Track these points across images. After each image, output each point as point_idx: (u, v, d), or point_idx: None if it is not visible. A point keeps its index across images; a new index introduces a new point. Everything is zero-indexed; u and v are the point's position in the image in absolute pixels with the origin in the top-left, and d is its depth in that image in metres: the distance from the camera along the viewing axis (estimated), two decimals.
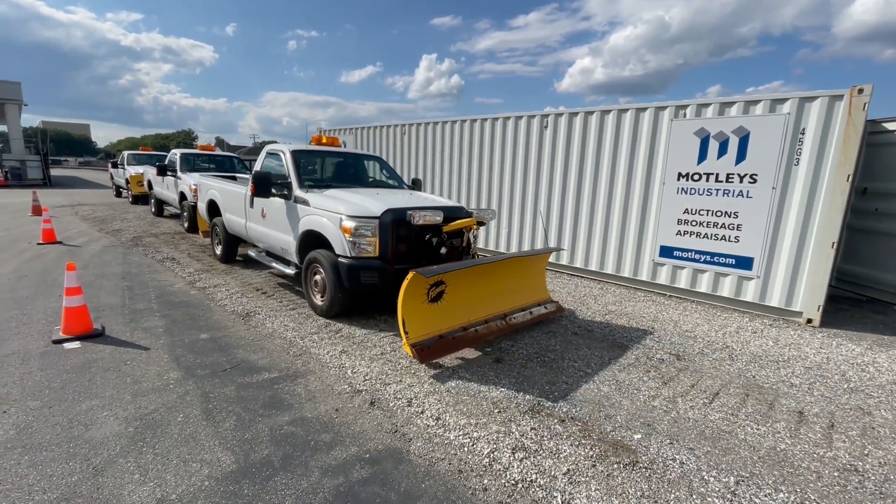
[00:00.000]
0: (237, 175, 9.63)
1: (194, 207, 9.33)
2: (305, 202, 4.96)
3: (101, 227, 10.19)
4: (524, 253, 4.83)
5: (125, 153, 17.06)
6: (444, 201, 5.42)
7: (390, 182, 6.38)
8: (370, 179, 6.42)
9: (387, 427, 2.89)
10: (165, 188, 11.36)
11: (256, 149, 58.30)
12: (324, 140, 6.20)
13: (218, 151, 12.84)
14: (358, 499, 2.26)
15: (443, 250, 4.59)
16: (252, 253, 6.48)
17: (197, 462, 2.48)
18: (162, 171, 10.87)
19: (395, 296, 3.61)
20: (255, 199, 5.81)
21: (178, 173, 10.42)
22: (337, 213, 4.51)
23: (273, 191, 5.31)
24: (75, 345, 3.93)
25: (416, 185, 6.58)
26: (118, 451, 2.54)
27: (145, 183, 13.53)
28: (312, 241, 4.90)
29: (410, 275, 3.47)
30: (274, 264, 5.77)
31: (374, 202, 4.60)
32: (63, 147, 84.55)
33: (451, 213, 4.87)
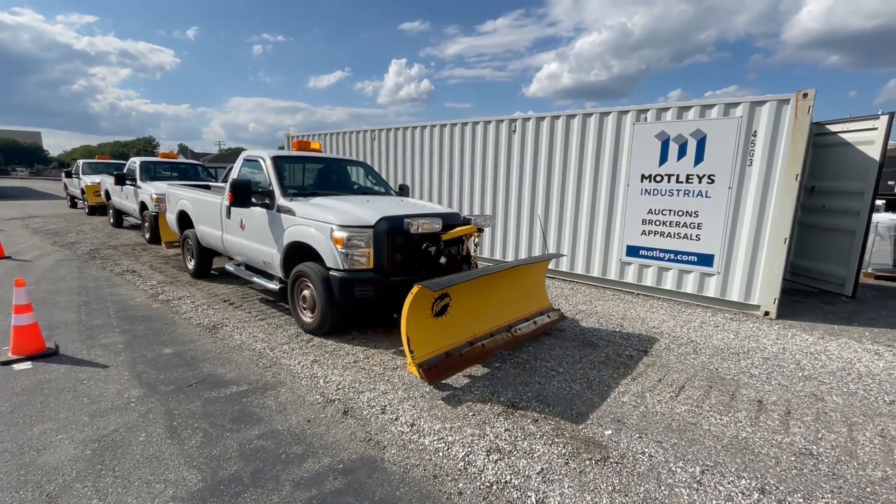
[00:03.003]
0: (211, 183, 9.30)
1: (156, 217, 9.00)
2: (290, 211, 4.63)
3: (54, 240, 9.67)
4: (528, 260, 4.61)
5: (80, 162, 16.27)
6: (439, 208, 5.14)
7: (377, 188, 6.06)
8: (355, 186, 6.07)
9: (360, 436, 2.85)
10: (124, 198, 10.90)
11: (222, 156, 56.63)
12: (313, 146, 5.95)
13: (181, 159, 12.42)
14: None
15: (442, 260, 4.34)
16: (230, 267, 6.04)
17: (160, 483, 2.38)
18: (120, 180, 10.43)
19: (391, 309, 3.49)
20: (233, 209, 5.41)
21: (138, 182, 10.03)
22: (327, 222, 4.22)
23: (253, 200, 4.95)
24: (26, 365, 3.70)
25: (403, 191, 6.29)
26: (74, 476, 2.41)
27: (102, 193, 12.94)
28: (299, 253, 4.60)
29: (416, 288, 3.20)
30: (255, 279, 5.40)
31: (367, 210, 4.34)
32: (11, 156, 79.85)
33: (449, 221, 4.64)
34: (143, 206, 9.74)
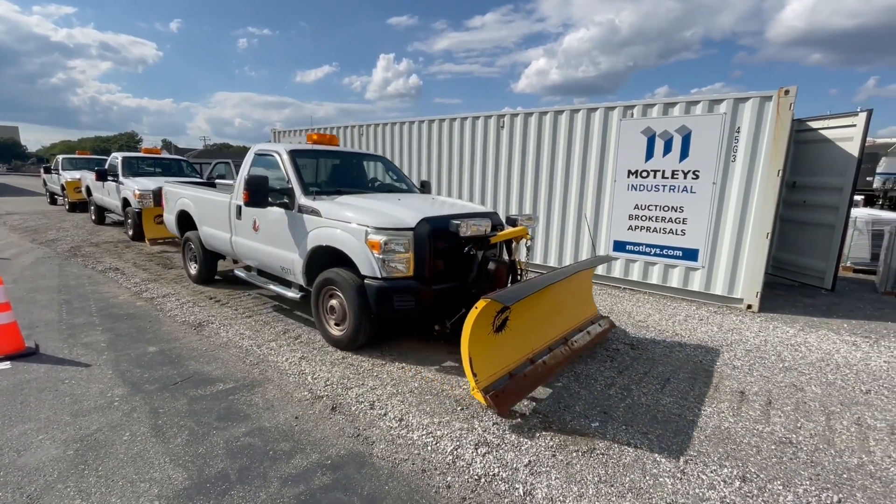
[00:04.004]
0: (217, 181, 9.05)
1: (139, 214, 8.84)
2: (315, 212, 4.19)
3: (33, 238, 9.44)
4: (584, 265, 4.20)
5: (59, 157, 15.89)
6: (478, 207, 4.70)
7: (399, 185, 5.57)
8: (376, 183, 5.59)
9: (349, 432, 2.85)
10: (106, 194, 10.67)
11: (207, 151, 55.59)
12: (329, 140, 5.52)
13: (165, 154, 12.20)
14: None
15: (490, 266, 3.90)
16: (240, 273, 5.50)
17: (145, 482, 2.35)
18: (102, 175, 10.20)
19: (429, 321, 3.39)
20: (245, 209, 4.98)
21: (121, 178, 9.82)
22: (360, 224, 3.80)
23: (269, 199, 4.51)
24: (5, 365, 3.61)
25: (424, 187, 5.85)
26: (56, 477, 2.36)
27: (83, 189, 12.66)
28: (326, 258, 4.18)
29: (483, 302, 2.83)
30: (271, 286, 4.94)
31: (405, 210, 3.96)
32: None
33: (494, 222, 4.30)
34: (125, 203, 9.55)
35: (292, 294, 4.66)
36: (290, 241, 4.48)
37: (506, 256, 4.20)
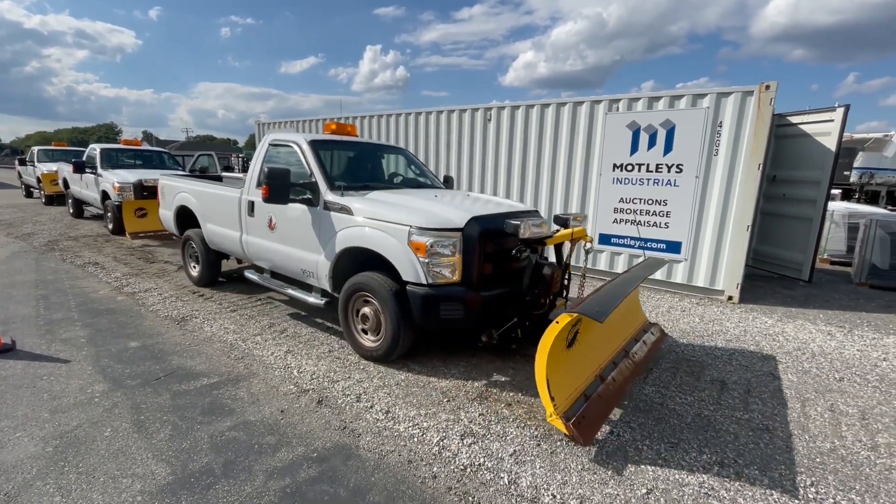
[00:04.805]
0: (224, 174, 8.77)
1: (119, 207, 8.64)
2: (345, 209, 3.79)
3: (8, 232, 9.17)
4: (647, 269, 3.85)
5: (35, 149, 15.43)
6: (518, 204, 4.32)
7: (423, 180, 5.17)
8: (398, 178, 5.16)
9: (335, 424, 2.85)
10: (84, 187, 10.40)
11: (190, 143, 54.46)
12: (347, 130, 5.10)
13: (145, 146, 11.92)
14: (305, 498, 2.22)
15: (545, 271, 3.61)
16: (252, 275, 5.00)
17: (127, 477, 2.32)
18: (79, 168, 9.94)
19: (476, 331, 3.32)
20: (259, 205, 4.56)
21: (99, 170, 9.58)
22: (401, 224, 3.43)
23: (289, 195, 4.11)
24: None
25: (448, 183, 5.49)
26: (35, 474, 2.32)
27: (60, 182, 12.32)
28: (357, 261, 3.83)
29: (566, 317, 2.55)
30: (289, 290, 4.48)
31: (450, 209, 3.63)
32: None
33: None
34: (104, 196, 9.32)
35: (315, 299, 4.23)
36: (314, 241, 4.07)
37: (547, 257, 3.98)
